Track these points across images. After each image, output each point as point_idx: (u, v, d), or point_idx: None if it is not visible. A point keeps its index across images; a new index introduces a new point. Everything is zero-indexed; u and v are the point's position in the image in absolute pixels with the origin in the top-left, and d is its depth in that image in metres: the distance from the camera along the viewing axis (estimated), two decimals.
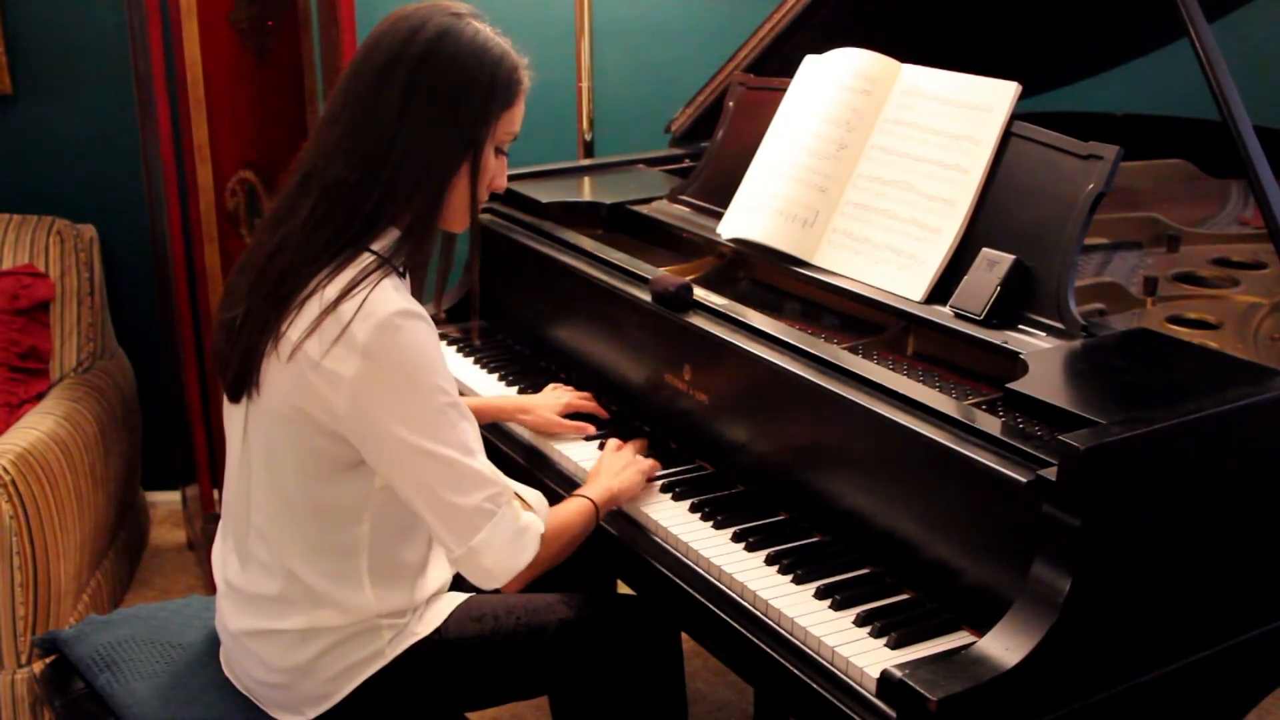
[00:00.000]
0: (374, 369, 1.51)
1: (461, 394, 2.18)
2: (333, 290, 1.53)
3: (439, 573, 1.77)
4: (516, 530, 1.61)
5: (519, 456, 2.04)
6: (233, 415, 1.67)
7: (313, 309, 1.53)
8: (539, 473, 1.99)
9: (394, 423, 1.53)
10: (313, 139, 1.62)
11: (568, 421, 2.04)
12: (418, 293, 1.63)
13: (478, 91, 1.58)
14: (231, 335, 1.60)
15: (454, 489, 1.56)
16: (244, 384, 1.59)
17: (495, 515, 1.58)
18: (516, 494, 1.68)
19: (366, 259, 1.56)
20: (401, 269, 1.60)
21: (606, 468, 1.85)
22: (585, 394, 2.10)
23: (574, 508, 1.75)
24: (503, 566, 1.60)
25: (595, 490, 1.79)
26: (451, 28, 1.58)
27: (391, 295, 1.53)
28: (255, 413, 1.61)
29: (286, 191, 1.62)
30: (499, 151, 1.65)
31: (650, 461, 1.88)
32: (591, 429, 2.04)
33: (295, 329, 1.53)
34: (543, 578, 1.95)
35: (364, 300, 1.51)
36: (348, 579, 1.63)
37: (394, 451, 1.55)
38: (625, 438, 1.98)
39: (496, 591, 1.79)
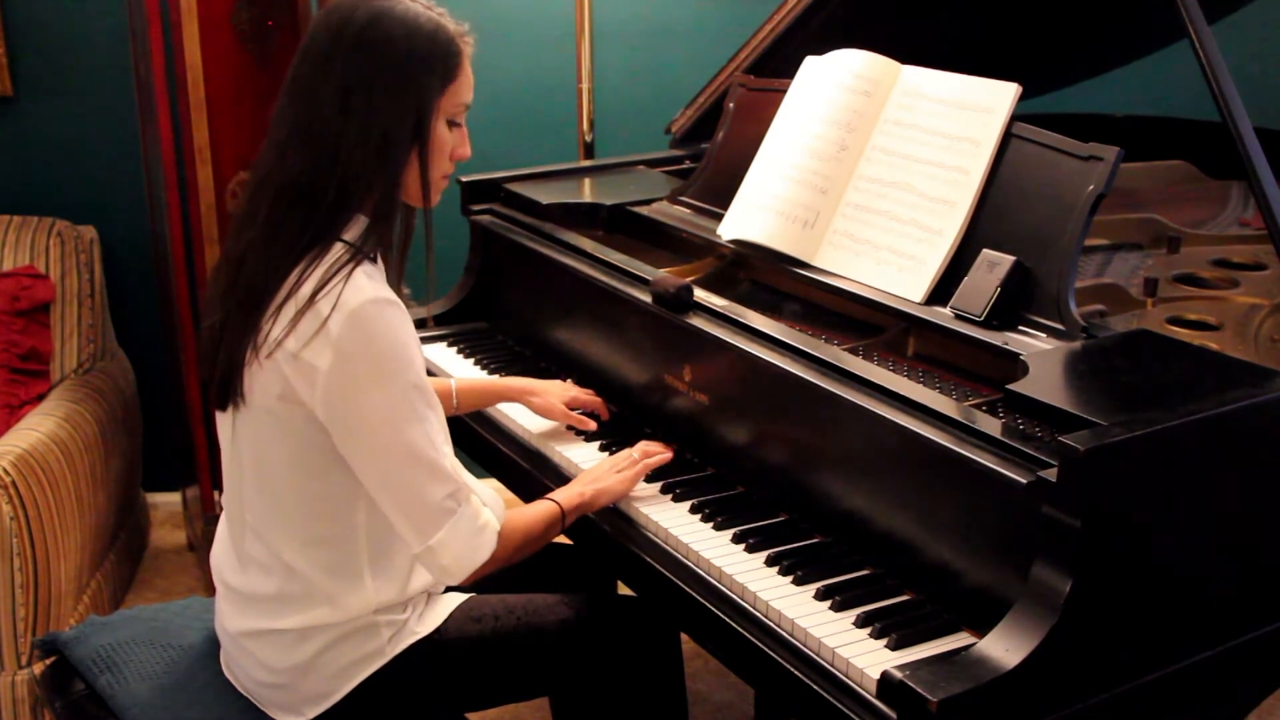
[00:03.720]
0: (346, 359, 1.52)
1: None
2: (307, 288, 1.53)
3: None
4: (475, 529, 1.62)
5: (519, 458, 2.04)
6: (222, 421, 1.69)
7: (289, 311, 1.53)
8: (539, 473, 1.98)
9: (364, 413, 1.54)
10: (265, 143, 1.62)
11: (571, 412, 2.04)
12: (389, 274, 1.63)
13: (415, 69, 1.57)
14: (214, 343, 1.61)
15: (417, 484, 1.57)
16: (229, 393, 1.60)
17: (455, 514, 1.59)
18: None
19: (338, 250, 1.56)
20: (374, 255, 1.60)
21: (592, 471, 1.86)
22: (590, 391, 2.10)
23: (538, 510, 1.76)
24: (459, 564, 1.62)
25: (565, 495, 1.80)
26: (380, 11, 1.57)
27: (365, 284, 1.54)
28: (242, 418, 1.62)
29: (246, 197, 1.62)
30: (454, 124, 1.64)
31: (655, 459, 1.88)
32: (592, 424, 2.04)
33: (275, 331, 1.54)
34: (543, 578, 1.96)
35: (339, 294, 1.52)
36: (347, 571, 1.64)
37: (362, 442, 1.56)
38: (627, 439, 1.98)
39: (496, 591, 1.79)
